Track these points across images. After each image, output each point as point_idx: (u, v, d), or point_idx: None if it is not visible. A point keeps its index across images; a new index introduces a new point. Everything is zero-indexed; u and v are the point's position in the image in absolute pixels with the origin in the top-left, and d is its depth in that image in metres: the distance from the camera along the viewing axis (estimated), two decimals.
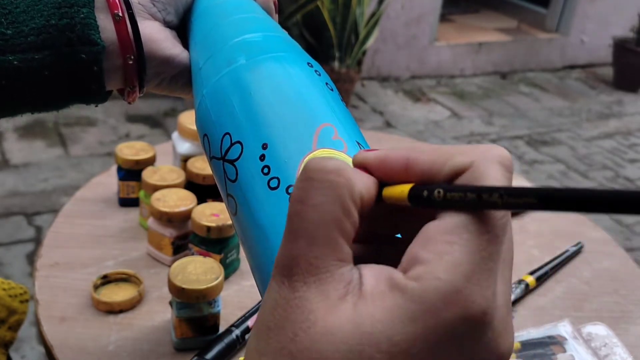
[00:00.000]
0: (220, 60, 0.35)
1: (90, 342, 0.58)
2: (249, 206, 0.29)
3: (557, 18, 3.47)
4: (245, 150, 0.30)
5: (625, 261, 0.79)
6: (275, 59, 0.33)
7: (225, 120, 0.32)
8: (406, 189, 0.21)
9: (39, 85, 0.35)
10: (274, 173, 0.29)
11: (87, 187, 0.83)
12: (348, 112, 0.33)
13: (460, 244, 0.18)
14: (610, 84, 3.31)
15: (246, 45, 0.34)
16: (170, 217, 0.66)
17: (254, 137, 0.30)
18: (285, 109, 0.30)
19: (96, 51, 0.35)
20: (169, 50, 0.39)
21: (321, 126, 0.30)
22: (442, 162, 0.20)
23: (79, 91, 0.37)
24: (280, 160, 0.29)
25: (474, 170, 0.19)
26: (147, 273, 0.67)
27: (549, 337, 0.64)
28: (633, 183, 2.31)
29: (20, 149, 2.05)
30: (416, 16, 2.96)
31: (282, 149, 0.29)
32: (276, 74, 0.32)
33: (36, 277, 0.66)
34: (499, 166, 0.19)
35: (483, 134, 2.58)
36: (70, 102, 0.38)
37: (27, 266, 1.52)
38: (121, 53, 0.37)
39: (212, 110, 0.33)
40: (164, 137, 2.20)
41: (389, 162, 0.21)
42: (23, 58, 0.34)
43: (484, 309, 0.18)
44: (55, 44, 0.35)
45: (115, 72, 0.38)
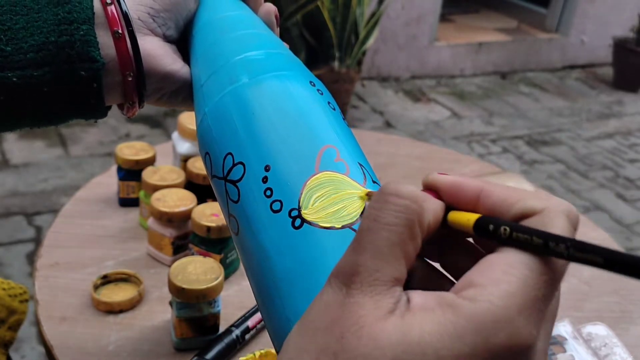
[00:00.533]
0: (222, 78, 0.34)
1: (91, 342, 0.58)
2: (251, 228, 0.29)
3: (557, 18, 3.47)
4: (248, 171, 0.30)
5: None
6: (278, 78, 0.33)
7: (227, 140, 0.32)
8: (473, 218, 0.22)
9: (38, 101, 0.35)
10: (277, 196, 0.29)
11: (87, 187, 0.83)
12: (349, 131, 0.33)
13: (518, 277, 0.19)
14: (610, 84, 3.31)
15: (249, 64, 0.34)
16: (170, 217, 0.66)
17: (257, 158, 0.30)
18: (287, 130, 0.30)
19: (96, 68, 0.35)
20: (169, 66, 0.39)
21: (324, 148, 0.30)
22: (514, 201, 0.21)
23: (79, 107, 0.37)
24: (283, 182, 0.29)
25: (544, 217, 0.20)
26: (147, 273, 0.67)
27: None
28: (633, 183, 2.31)
29: (21, 149, 2.05)
30: (416, 16, 2.96)
31: (285, 171, 0.29)
32: (279, 93, 0.32)
33: (36, 277, 0.66)
34: (566, 219, 0.20)
35: (483, 134, 2.58)
36: (70, 118, 0.38)
37: (27, 266, 1.52)
38: (121, 70, 0.36)
39: (214, 129, 0.33)
40: (164, 137, 2.20)
41: (463, 190, 0.23)
42: (22, 75, 0.34)
43: (529, 343, 0.19)
44: (55, 61, 0.34)
45: (115, 88, 0.37)
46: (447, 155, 1.05)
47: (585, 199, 2.16)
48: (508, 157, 2.41)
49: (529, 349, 0.19)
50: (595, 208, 2.11)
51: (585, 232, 0.84)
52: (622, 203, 2.16)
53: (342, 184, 0.28)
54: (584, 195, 2.19)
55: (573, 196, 2.17)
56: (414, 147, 1.06)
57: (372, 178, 0.30)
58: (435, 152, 1.07)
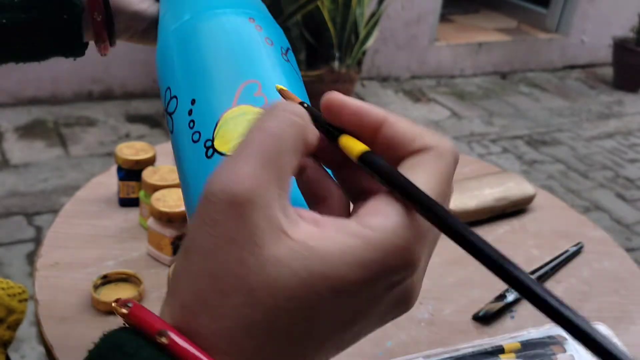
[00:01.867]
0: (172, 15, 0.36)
1: (90, 343, 0.58)
2: (179, 157, 0.32)
3: (557, 18, 3.47)
4: (179, 104, 0.32)
5: (626, 261, 0.79)
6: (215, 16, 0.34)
7: (167, 75, 0.34)
8: (360, 149, 0.22)
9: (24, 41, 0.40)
10: (197, 127, 0.30)
11: (87, 187, 0.83)
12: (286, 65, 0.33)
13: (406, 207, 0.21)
14: (610, 84, 3.31)
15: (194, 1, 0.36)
16: (170, 217, 0.66)
17: (186, 92, 0.32)
18: (214, 66, 0.32)
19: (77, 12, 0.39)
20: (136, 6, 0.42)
21: (245, 83, 0.31)
22: (413, 136, 0.23)
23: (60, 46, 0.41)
24: (203, 115, 0.31)
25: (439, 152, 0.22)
26: (147, 273, 0.67)
27: (549, 337, 0.64)
28: (633, 183, 2.31)
29: (20, 149, 2.05)
30: (416, 16, 2.96)
31: (206, 105, 0.31)
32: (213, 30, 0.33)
33: (36, 277, 0.66)
34: (454, 157, 0.23)
35: (483, 134, 2.58)
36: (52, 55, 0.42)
37: (27, 266, 1.52)
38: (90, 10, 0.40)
39: (160, 65, 0.35)
40: (164, 137, 2.20)
41: (365, 116, 0.23)
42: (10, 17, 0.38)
43: (416, 261, 0.21)
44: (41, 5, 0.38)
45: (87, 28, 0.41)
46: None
47: (585, 199, 2.16)
48: (508, 157, 2.41)
49: (416, 265, 0.21)
50: (595, 208, 2.10)
51: (585, 232, 0.84)
52: (622, 203, 2.16)
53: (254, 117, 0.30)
54: (584, 195, 2.19)
55: (573, 196, 2.17)
56: None
57: None
58: None
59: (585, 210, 2.08)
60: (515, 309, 0.68)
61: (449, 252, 0.76)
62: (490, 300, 0.68)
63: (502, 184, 0.85)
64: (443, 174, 0.22)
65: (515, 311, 0.68)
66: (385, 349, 0.60)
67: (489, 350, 0.61)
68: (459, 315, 0.66)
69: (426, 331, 0.63)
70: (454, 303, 0.68)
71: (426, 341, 0.61)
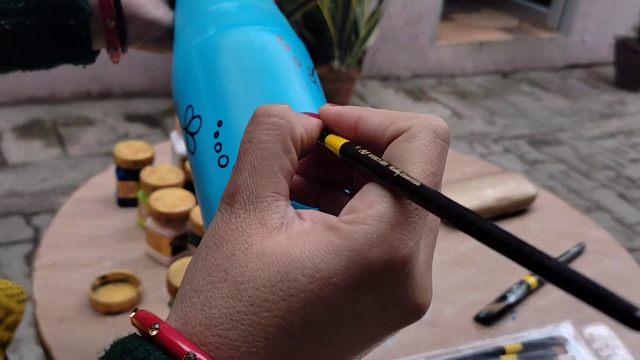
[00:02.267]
0: (193, 28, 0.35)
1: (89, 343, 0.58)
2: (202, 180, 0.30)
3: (559, 17, 3.46)
4: (203, 125, 0.31)
5: (627, 262, 0.78)
6: (243, 33, 0.32)
7: (189, 93, 0.32)
8: (340, 143, 0.23)
9: (29, 47, 0.38)
10: (225, 151, 0.29)
11: (85, 187, 0.82)
12: (314, 87, 0.32)
13: (389, 197, 0.21)
14: (612, 84, 3.30)
15: (219, 15, 0.34)
16: (168, 217, 0.66)
17: (211, 113, 0.31)
18: (242, 87, 0.31)
19: (84, 17, 0.37)
20: (150, 14, 0.40)
21: None
22: (389, 123, 0.23)
23: (68, 53, 0.40)
24: (231, 139, 0.29)
25: (408, 133, 0.22)
26: (145, 274, 0.66)
27: (551, 338, 0.63)
28: (635, 183, 2.30)
29: (19, 148, 2.05)
30: (417, 15, 2.96)
31: (234, 128, 0.30)
32: (240, 48, 0.32)
33: (34, 278, 0.65)
34: (432, 133, 0.22)
35: (484, 134, 2.58)
36: (59, 63, 0.40)
37: (25, 267, 1.52)
38: (101, 16, 0.38)
39: (180, 81, 0.33)
40: (162, 137, 2.19)
41: (343, 118, 0.24)
42: (14, 22, 0.36)
43: (405, 256, 0.20)
44: (45, 10, 0.37)
45: (98, 35, 0.40)
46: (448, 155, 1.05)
47: (587, 199, 2.16)
48: (509, 156, 2.40)
49: (406, 260, 0.20)
50: (597, 208, 2.10)
51: (587, 232, 0.83)
52: (623, 203, 2.15)
53: None
54: (586, 195, 2.18)
55: (575, 196, 2.16)
56: None
57: None
58: None
59: (587, 210, 2.07)
60: (517, 310, 0.68)
61: (450, 253, 0.76)
62: (492, 301, 0.68)
63: (503, 184, 0.85)
64: (420, 152, 0.21)
65: (516, 312, 0.67)
66: (385, 349, 0.60)
67: (490, 351, 0.61)
68: (460, 316, 0.66)
69: (427, 332, 0.63)
70: (455, 304, 0.68)
71: (427, 342, 0.61)
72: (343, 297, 0.20)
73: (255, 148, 0.22)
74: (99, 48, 0.41)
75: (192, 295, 0.21)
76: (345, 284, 0.20)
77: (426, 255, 0.22)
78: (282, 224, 0.21)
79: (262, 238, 0.21)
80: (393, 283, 0.20)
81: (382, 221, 0.20)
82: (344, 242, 0.20)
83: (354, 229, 0.20)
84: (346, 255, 0.20)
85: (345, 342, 0.21)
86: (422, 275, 0.21)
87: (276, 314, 0.20)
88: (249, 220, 0.21)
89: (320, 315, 0.20)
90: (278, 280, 0.20)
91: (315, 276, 0.20)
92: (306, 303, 0.20)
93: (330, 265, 0.20)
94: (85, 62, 0.41)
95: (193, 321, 0.21)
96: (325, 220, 0.21)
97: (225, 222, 0.22)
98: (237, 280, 0.20)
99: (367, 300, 0.20)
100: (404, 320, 0.22)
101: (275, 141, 0.22)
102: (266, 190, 0.22)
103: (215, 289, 0.21)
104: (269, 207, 0.21)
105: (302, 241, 0.20)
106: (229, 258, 0.21)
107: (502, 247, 0.17)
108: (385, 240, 0.20)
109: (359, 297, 0.20)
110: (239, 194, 0.22)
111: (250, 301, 0.20)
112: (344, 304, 0.20)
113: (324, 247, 0.20)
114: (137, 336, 0.21)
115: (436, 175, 0.22)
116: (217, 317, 0.20)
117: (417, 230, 0.20)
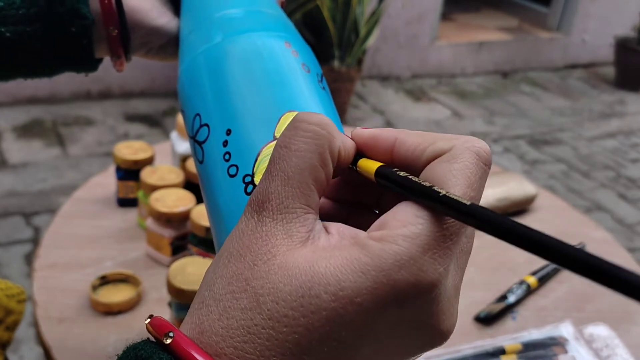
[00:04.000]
0: (200, 35, 0.34)
1: (89, 344, 0.58)
2: (211, 190, 0.30)
3: (559, 17, 3.46)
4: (212, 134, 0.30)
5: (627, 262, 0.78)
6: (251, 39, 0.32)
7: (197, 101, 0.32)
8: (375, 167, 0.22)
9: (30, 55, 0.37)
10: (234, 160, 0.29)
11: (85, 187, 0.82)
12: (324, 94, 0.32)
13: (424, 219, 0.20)
14: (612, 84, 3.30)
15: (225, 22, 0.33)
16: (169, 217, 0.66)
17: (220, 121, 0.30)
18: (251, 95, 0.30)
19: (86, 25, 0.37)
20: (154, 21, 0.39)
21: (285, 113, 0.29)
22: (426, 145, 0.22)
23: (70, 61, 0.39)
24: (241, 148, 0.29)
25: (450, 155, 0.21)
26: (145, 274, 0.66)
27: (551, 338, 0.63)
28: (635, 183, 2.30)
29: (19, 148, 2.05)
30: (417, 15, 2.96)
31: (244, 137, 0.29)
32: (248, 55, 0.31)
33: (34, 278, 0.65)
34: (475, 155, 0.21)
35: (484, 134, 2.58)
36: (62, 71, 0.40)
37: (25, 267, 1.52)
38: (105, 24, 0.38)
39: (187, 88, 0.33)
40: (162, 137, 2.19)
41: (379, 141, 0.23)
42: (15, 30, 0.35)
43: (433, 281, 0.19)
44: (46, 17, 0.36)
45: (101, 43, 0.39)
46: None
47: (587, 199, 2.16)
48: (509, 156, 2.40)
49: (434, 285, 0.19)
50: (597, 208, 2.10)
51: (587, 232, 0.83)
52: (624, 203, 2.15)
53: None
54: (586, 195, 2.18)
55: (575, 196, 2.16)
56: None
57: None
58: None
59: (587, 210, 2.07)
60: (517, 310, 0.68)
61: None
62: (492, 301, 0.68)
63: (503, 184, 0.85)
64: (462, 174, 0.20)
65: (516, 312, 0.67)
66: None
67: (490, 351, 0.61)
68: (460, 316, 0.66)
69: None
70: None
71: None
72: (365, 317, 0.19)
73: (292, 155, 0.21)
74: (102, 56, 0.41)
75: (211, 304, 0.21)
76: (368, 304, 0.19)
77: (456, 280, 0.21)
78: (309, 237, 0.21)
79: (286, 249, 0.20)
80: (417, 307, 0.20)
81: (414, 243, 0.19)
82: (371, 261, 0.19)
83: (383, 247, 0.19)
84: (373, 275, 0.19)
85: None
86: (448, 300, 0.21)
87: (295, 330, 0.19)
88: (275, 230, 0.20)
89: (340, 334, 0.19)
90: (299, 296, 0.19)
91: (338, 294, 0.19)
92: (327, 321, 0.19)
93: (355, 284, 0.19)
94: (88, 70, 0.41)
95: (209, 330, 0.20)
96: (354, 235, 0.20)
97: (251, 230, 0.21)
98: (258, 292, 0.20)
99: (389, 322, 0.20)
100: (426, 344, 0.21)
101: (312, 151, 0.21)
102: (297, 201, 0.21)
103: (234, 299, 0.20)
104: (297, 218, 0.21)
105: (328, 255, 0.20)
106: (250, 268, 0.20)
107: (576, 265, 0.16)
108: (415, 263, 0.19)
109: (380, 318, 0.19)
110: (269, 202, 0.21)
111: (269, 315, 0.19)
112: (365, 324, 0.19)
113: (349, 263, 0.19)
114: (151, 343, 0.21)
115: (476, 199, 0.21)
116: (234, 329, 0.20)
117: (448, 255, 0.20)
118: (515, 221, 0.18)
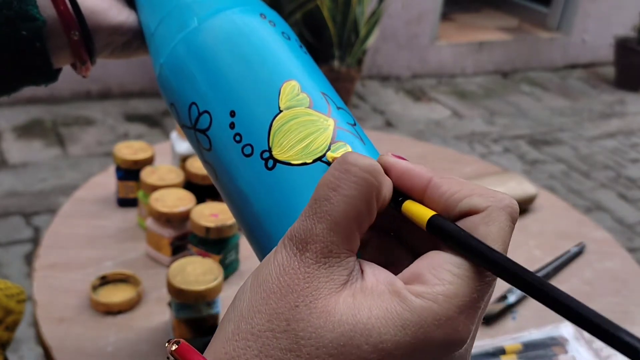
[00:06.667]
0: (172, 24, 0.33)
1: (89, 343, 0.58)
2: (228, 174, 0.29)
3: (559, 17, 3.46)
4: (214, 120, 0.30)
5: (627, 262, 0.78)
6: (227, 17, 0.32)
7: (188, 90, 0.31)
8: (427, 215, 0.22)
9: None
10: (246, 140, 0.29)
11: (85, 187, 0.82)
12: (308, 58, 0.32)
13: (462, 279, 0.21)
14: (612, 84, 3.30)
15: (196, 5, 0.33)
16: (169, 217, 0.66)
17: (220, 106, 0.30)
18: (245, 72, 0.30)
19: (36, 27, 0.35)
20: (115, 19, 0.38)
21: (284, 84, 0.29)
22: (462, 196, 0.22)
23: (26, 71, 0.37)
24: (249, 126, 0.29)
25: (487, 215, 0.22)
26: (145, 274, 0.66)
27: (551, 338, 0.63)
28: (635, 183, 2.30)
29: (19, 148, 2.05)
30: (417, 15, 2.96)
31: (250, 115, 0.29)
32: (230, 34, 0.31)
33: (34, 278, 0.65)
34: (509, 217, 0.22)
35: (484, 134, 2.58)
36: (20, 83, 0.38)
37: (25, 267, 1.52)
38: (64, 30, 0.36)
39: (173, 80, 0.32)
40: (162, 137, 2.19)
41: (412, 177, 0.23)
42: None
43: (464, 338, 0.21)
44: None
45: (63, 49, 0.37)
46: (448, 154, 1.05)
47: (587, 199, 2.16)
48: (509, 156, 2.40)
49: (464, 342, 0.21)
50: (597, 208, 2.10)
51: (587, 232, 0.83)
52: (624, 203, 2.15)
53: (306, 118, 0.28)
54: (586, 195, 2.18)
55: (575, 196, 2.16)
56: (415, 146, 1.06)
57: (336, 105, 0.30)
58: (436, 151, 1.07)
59: (587, 210, 2.07)
60: (517, 310, 0.68)
61: None
62: (492, 301, 0.68)
63: (503, 184, 0.85)
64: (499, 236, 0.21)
65: (516, 312, 0.67)
66: None
67: (490, 351, 0.61)
68: None
69: None
70: None
71: None
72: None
73: (340, 201, 0.21)
74: (65, 64, 0.39)
75: (249, 338, 0.21)
76: (403, 356, 0.20)
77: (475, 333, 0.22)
78: (348, 281, 0.21)
79: (328, 293, 0.21)
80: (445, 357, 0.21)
81: (452, 303, 0.20)
82: (411, 317, 0.20)
83: (423, 305, 0.20)
84: (412, 331, 0.20)
85: None
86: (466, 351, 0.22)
87: None
88: (318, 273, 0.21)
89: None
90: (340, 344, 0.20)
91: (378, 347, 0.20)
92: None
93: (395, 338, 0.20)
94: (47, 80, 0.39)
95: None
96: (390, 283, 0.21)
97: (292, 269, 0.21)
98: (299, 334, 0.20)
99: None
100: None
101: (361, 199, 0.21)
102: (341, 247, 0.21)
103: (274, 337, 0.20)
104: (340, 262, 0.21)
105: (368, 305, 0.20)
106: (292, 309, 0.20)
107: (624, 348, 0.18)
108: (452, 324, 0.20)
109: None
110: (313, 244, 0.21)
111: (308, 358, 0.20)
112: None
113: (390, 316, 0.20)
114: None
115: None
116: None
117: (479, 314, 0.21)
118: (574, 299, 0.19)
